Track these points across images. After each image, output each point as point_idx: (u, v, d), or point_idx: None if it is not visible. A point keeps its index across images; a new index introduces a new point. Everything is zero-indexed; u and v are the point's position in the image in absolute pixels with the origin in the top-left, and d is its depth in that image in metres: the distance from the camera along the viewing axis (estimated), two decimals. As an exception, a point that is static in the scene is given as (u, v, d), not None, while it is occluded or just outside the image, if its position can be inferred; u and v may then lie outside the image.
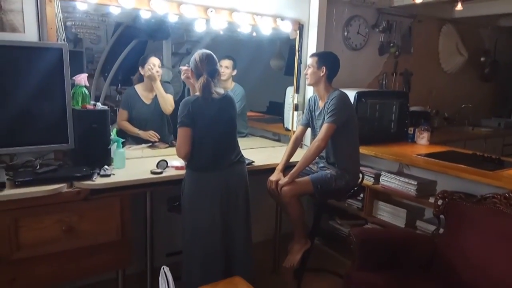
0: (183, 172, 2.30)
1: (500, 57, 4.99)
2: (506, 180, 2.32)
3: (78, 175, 2.06)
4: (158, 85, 2.94)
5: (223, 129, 2.20)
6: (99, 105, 2.27)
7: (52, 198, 1.94)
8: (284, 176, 2.49)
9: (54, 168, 2.11)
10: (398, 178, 2.81)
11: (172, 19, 2.63)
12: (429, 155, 2.93)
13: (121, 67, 3.89)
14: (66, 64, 2.16)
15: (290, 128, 3.37)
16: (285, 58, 4.67)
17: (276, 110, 4.82)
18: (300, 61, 3.24)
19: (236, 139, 2.33)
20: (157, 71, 2.92)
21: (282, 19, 3.01)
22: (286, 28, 3.04)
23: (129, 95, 3.06)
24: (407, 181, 2.74)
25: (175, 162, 2.41)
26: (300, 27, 3.18)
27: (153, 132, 3.00)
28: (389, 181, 2.86)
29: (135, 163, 2.48)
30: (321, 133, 2.43)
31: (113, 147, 2.33)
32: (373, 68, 3.81)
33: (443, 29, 4.32)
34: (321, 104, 2.60)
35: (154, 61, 2.95)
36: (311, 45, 3.24)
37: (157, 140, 3.00)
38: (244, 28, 2.94)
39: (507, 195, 2.09)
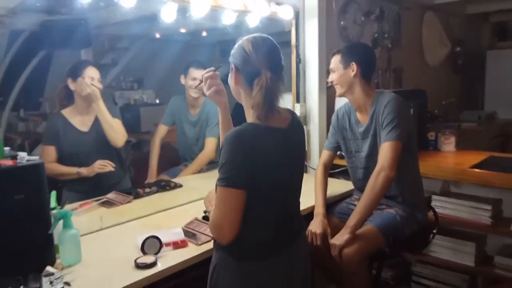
0: (190, 253, 1.35)
1: (469, 48, 4.69)
2: None
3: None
4: (101, 106, 1.97)
5: (292, 178, 1.24)
6: (24, 157, 1.21)
7: None
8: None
9: None
10: (460, 202, 2.12)
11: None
12: (478, 165, 2.31)
13: (24, 88, 2.85)
14: None
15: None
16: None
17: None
18: (299, 59, 2.44)
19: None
20: (99, 88, 1.98)
21: (279, 3, 2.19)
22: (285, 14, 2.22)
23: (54, 125, 2.03)
24: (475, 205, 2.06)
25: (168, 235, 1.44)
26: (296, 15, 2.39)
27: (102, 161, 1.99)
28: (445, 207, 2.16)
29: (95, 245, 1.45)
30: (384, 157, 1.63)
31: (57, 227, 1.29)
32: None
33: (425, 17, 3.83)
34: (359, 116, 1.83)
35: (92, 74, 1.99)
36: (309, 38, 2.45)
37: (112, 169, 1.99)
38: (227, 19, 2.07)
39: None
